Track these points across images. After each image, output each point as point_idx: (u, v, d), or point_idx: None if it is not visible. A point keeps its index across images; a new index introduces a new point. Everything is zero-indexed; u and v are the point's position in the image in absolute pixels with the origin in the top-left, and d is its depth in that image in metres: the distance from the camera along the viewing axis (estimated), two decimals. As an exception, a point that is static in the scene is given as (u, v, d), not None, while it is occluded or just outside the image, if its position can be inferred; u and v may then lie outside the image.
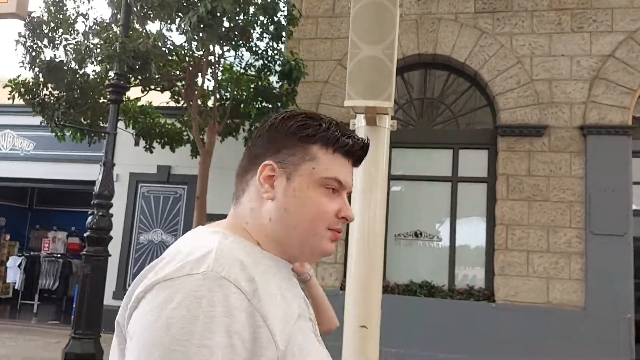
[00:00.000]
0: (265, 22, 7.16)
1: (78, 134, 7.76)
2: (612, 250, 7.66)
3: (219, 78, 8.03)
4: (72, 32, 7.37)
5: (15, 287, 11.95)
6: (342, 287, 7.68)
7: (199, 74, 7.60)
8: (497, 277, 8.08)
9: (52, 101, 7.43)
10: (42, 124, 7.80)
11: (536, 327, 7.63)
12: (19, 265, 11.84)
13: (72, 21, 7.41)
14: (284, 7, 7.73)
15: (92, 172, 7.48)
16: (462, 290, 8.25)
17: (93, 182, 6.30)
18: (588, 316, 7.57)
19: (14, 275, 11.82)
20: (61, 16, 7.25)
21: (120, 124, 7.50)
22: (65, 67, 7.06)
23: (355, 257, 5.20)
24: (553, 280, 7.88)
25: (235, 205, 0.91)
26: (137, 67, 6.14)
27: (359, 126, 3.76)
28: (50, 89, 7.50)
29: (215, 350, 0.66)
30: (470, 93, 9.06)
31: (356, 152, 0.91)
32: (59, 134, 7.71)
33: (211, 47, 6.96)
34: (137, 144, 8.56)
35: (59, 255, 12.31)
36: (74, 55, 7.03)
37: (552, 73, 8.40)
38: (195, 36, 6.19)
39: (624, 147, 7.98)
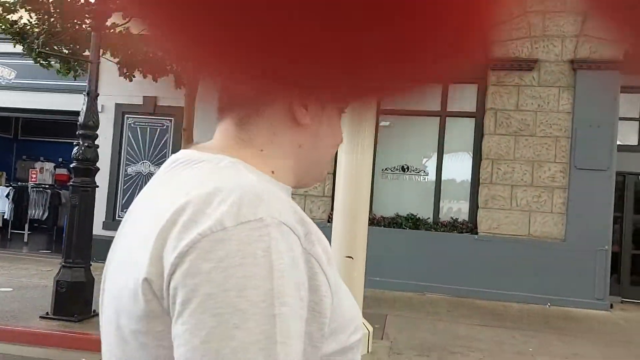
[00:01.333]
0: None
1: (62, 67, 7.52)
2: (594, 185, 7.82)
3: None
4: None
5: (5, 217, 12.02)
6: (330, 220, 7.83)
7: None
8: (481, 210, 8.27)
9: (31, 30, 7.14)
10: (24, 52, 7.54)
11: (517, 258, 7.91)
12: (7, 196, 11.85)
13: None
14: None
15: (77, 102, 7.33)
16: (446, 223, 8.46)
17: (78, 113, 6.19)
18: (567, 248, 7.84)
19: (3, 205, 11.85)
20: None
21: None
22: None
23: (343, 191, 5.28)
24: (535, 213, 8.09)
25: (240, 126, 0.77)
26: (118, -7, 5.85)
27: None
28: (28, 15, 7.19)
29: (295, 308, 0.60)
30: (462, 25, 8.86)
31: None
32: (42, 62, 7.47)
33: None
34: (122, 75, 8.34)
35: (47, 186, 12.31)
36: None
37: (546, 5, 8.21)
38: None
39: (613, 83, 7.96)
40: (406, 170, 8.88)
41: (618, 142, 8.05)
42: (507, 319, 6.78)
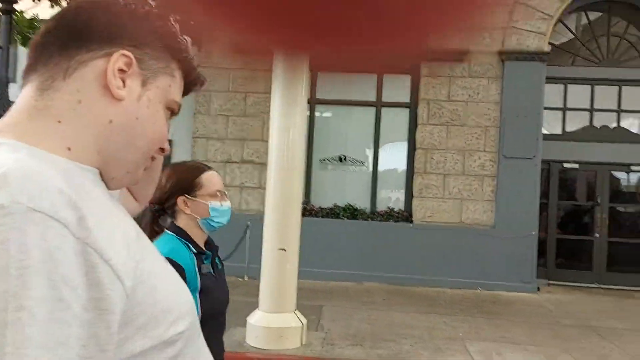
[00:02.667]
0: None
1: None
2: (521, 173, 8.12)
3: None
4: None
5: None
6: (265, 212, 7.73)
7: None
8: (415, 199, 8.42)
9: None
10: None
11: (450, 245, 8.11)
12: None
13: None
14: None
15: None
16: (382, 212, 8.55)
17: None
18: (497, 234, 8.11)
19: None
20: None
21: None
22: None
23: (274, 182, 5.19)
24: (466, 201, 8.32)
25: (39, 92, 0.65)
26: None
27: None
28: None
29: (36, 311, 0.49)
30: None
31: (189, 90, 0.79)
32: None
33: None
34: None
35: None
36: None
37: (476, -3, 8.39)
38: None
39: (539, 73, 8.27)
40: (344, 160, 8.90)
41: (543, 131, 8.39)
42: (439, 305, 6.93)
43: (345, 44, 0.66)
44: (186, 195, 1.72)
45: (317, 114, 8.91)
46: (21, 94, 0.67)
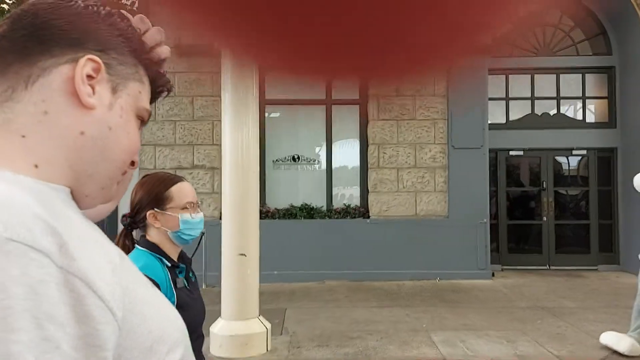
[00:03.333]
0: None
1: None
2: (471, 163, 8.33)
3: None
4: None
5: None
6: (221, 217, 7.59)
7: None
8: (371, 194, 8.48)
9: None
10: None
11: (407, 238, 8.22)
12: None
13: None
14: None
15: None
16: (339, 210, 8.57)
17: None
18: (451, 224, 8.29)
19: None
20: None
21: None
22: None
23: (229, 185, 5.08)
24: (420, 193, 8.45)
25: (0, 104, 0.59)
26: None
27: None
28: None
29: (26, 355, 0.43)
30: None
31: (155, 97, 0.73)
32: None
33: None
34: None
35: None
36: None
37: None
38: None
39: (481, 66, 8.49)
40: (297, 160, 8.85)
41: (489, 121, 8.63)
42: (401, 297, 7.01)
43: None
44: (155, 209, 1.65)
45: (267, 114, 8.83)
46: None
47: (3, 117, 0.58)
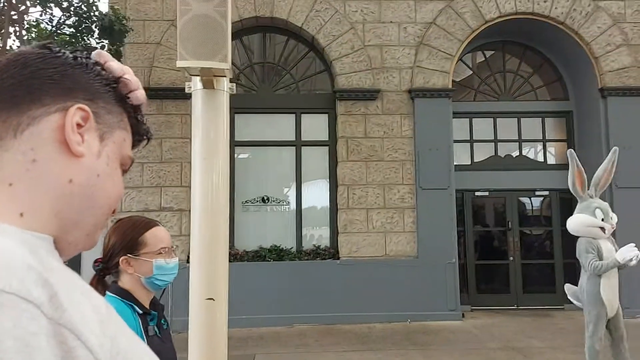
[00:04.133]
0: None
1: None
2: (438, 203, 8.45)
3: (25, 37, 7.04)
4: None
5: None
6: (189, 260, 7.44)
7: (1, 31, 6.57)
8: (341, 235, 8.47)
9: None
10: None
11: (377, 279, 8.19)
12: None
13: None
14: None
15: None
16: (309, 251, 8.51)
17: None
18: (420, 264, 8.32)
19: None
20: None
21: None
22: None
23: (199, 228, 4.99)
24: (389, 233, 8.49)
25: None
26: None
27: (196, 89, 3.53)
28: None
29: None
30: (309, 58, 9.18)
31: (135, 145, 0.73)
32: None
33: (13, 0, 6.03)
34: None
35: None
36: None
37: (383, 39, 8.83)
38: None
39: (445, 109, 8.76)
40: (267, 201, 8.82)
41: (455, 163, 8.82)
42: (372, 341, 6.92)
43: None
44: (129, 254, 1.61)
45: (236, 155, 8.82)
46: None
47: None
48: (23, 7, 6.51)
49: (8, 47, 6.89)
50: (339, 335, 7.25)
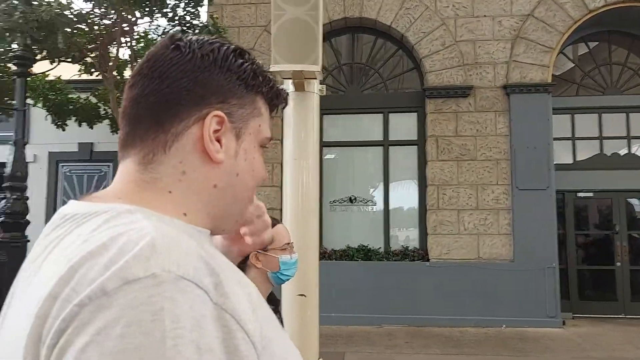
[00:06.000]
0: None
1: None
2: (536, 204, 8.02)
3: (134, 47, 7.59)
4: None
5: None
6: (280, 257, 7.63)
7: (113, 43, 7.13)
8: (430, 237, 8.30)
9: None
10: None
11: (469, 282, 7.94)
12: None
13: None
14: (202, -30, 7.34)
15: (2, 154, 6.93)
16: (397, 252, 8.43)
17: (4, 164, 5.83)
18: (516, 268, 7.95)
19: None
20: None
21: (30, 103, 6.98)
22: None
23: (290, 226, 5.12)
24: (483, 236, 8.19)
25: (142, 166, 0.65)
26: (42, 37, 5.64)
27: (287, 92, 3.63)
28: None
29: None
30: (397, 57, 9.09)
31: (274, 109, 0.77)
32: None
33: (123, 13, 6.51)
34: (54, 122, 8.06)
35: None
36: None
37: (476, 34, 8.54)
38: (103, 1, 5.75)
39: (544, 105, 8.30)
40: (354, 201, 8.84)
41: (555, 162, 8.34)
42: (465, 345, 6.72)
43: None
44: (258, 250, 1.70)
45: (324, 156, 8.93)
46: (122, 168, 0.68)
47: (151, 176, 0.66)
48: (133, 19, 7.02)
49: (121, 56, 7.48)
50: (429, 338, 7.11)
